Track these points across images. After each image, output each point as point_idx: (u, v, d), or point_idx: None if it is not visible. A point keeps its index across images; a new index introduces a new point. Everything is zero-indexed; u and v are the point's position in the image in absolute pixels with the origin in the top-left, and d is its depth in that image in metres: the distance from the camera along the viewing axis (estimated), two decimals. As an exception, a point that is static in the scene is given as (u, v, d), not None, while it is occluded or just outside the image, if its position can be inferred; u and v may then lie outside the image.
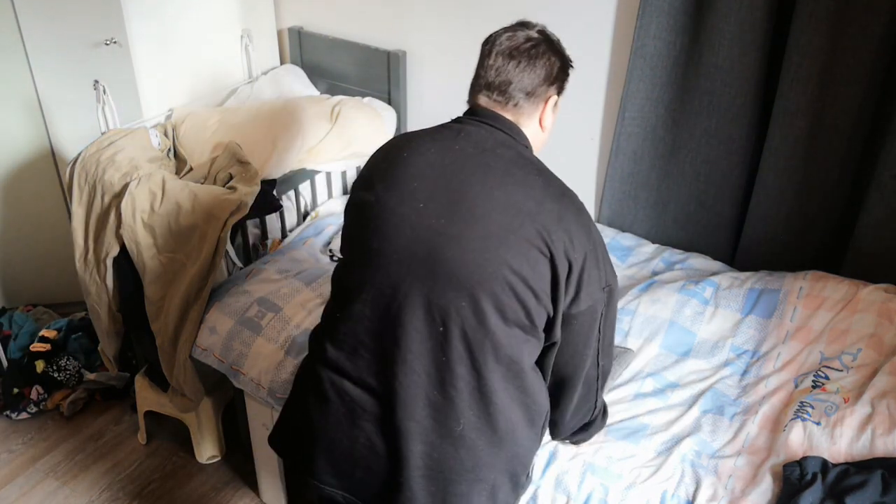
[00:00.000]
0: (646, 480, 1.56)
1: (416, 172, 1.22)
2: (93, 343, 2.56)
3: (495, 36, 1.31)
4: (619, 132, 2.28)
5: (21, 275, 2.83)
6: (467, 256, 1.16)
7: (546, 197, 1.21)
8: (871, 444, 1.55)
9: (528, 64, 1.27)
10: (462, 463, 1.23)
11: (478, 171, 1.20)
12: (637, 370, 1.86)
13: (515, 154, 1.24)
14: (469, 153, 1.22)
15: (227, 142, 2.27)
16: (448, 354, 1.19)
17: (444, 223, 1.18)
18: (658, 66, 2.13)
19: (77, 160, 2.14)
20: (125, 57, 2.30)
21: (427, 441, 1.22)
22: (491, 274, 1.16)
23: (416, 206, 1.20)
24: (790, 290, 1.98)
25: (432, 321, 1.18)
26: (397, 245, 1.20)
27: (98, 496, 2.26)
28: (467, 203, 1.18)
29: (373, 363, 1.23)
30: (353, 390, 1.25)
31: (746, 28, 1.96)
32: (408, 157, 1.25)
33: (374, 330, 1.23)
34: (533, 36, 1.29)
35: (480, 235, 1.16)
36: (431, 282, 1.18)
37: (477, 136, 1.25)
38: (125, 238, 2.00)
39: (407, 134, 1.35)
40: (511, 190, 1.19)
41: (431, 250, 1.17)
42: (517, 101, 1.28)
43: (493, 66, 1.27)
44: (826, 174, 2.02)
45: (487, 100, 1.29)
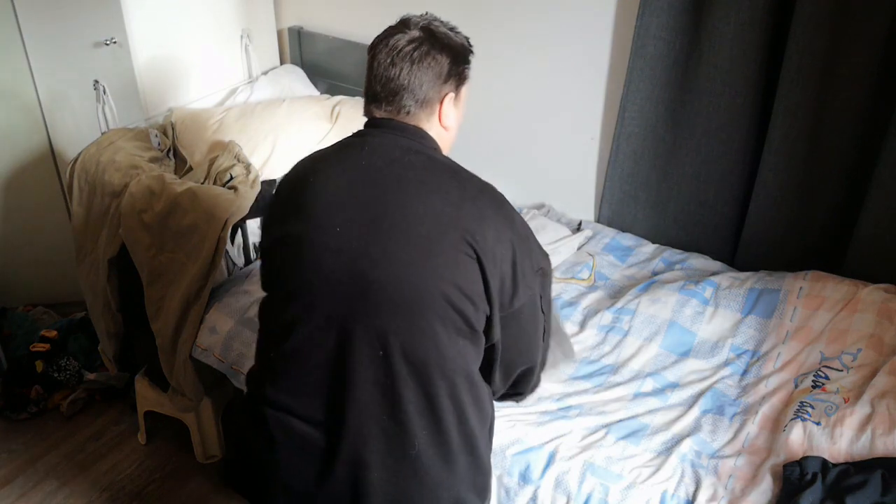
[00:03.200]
0: (646, 480, 1.56)
1: (329, 198, 1.17)
2: (93, 343, 2.56)
3: (377, 41, 1.24)
4: (619, 132, 2.28)
5: (21, 275, 2.83)
6: (396, 275, 1.12)
7: (464, 199, 1.16)
8: (871, 444, 1.55)
9: (413, 68, 1.20)
10: (422, 484, 1.20)
11: (390, 184, 1.16)
12: (637, 370, 1.86)
13: (426, 159, 1.20)
14: (378, 167, 1.18)
15: (227, 142, 2.28)
16: (392, 378, 1.15)
17: (365, 245, 1.13)
18: (658, 66, 2.13)
19: (77, 160, 2.14)
20: (125, 57, 2.30)
21: (384, 467, 1.18)
22: (423, 289, 1.12)
23: (334, 231, 1.15)
24: (790, 291, 1.98)
25: (371, 347, 1.14)
26: (322, 275, 1.15)
27: (98, 496, 2.26)
28: (385, 220, 1.14)
29: (317, 397, 1.19)
30: (301, 427, 1.20)
31: (746, 28, 1.96)
32: (315, 182, 1.20)
33: (313, 364, 1.18)
34: (415, 37, 1.21)
35: (406, 252, 1.12)
36: (364, 308, 1.13)
37: (382, 147, 1.20)
38: (125, 238, 2.00)
39: (310, 157, 1.28)
40: (427, 199, 1.14)
41: (357, 275, 1.13)
42: (409, 110, 1.22)
43: (377, 76, 1.22)
44: (826, 174, 2.02)
45: (380, 111, 1.24)
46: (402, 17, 1.26)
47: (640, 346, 1.92)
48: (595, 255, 2.28)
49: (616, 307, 2.04)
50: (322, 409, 1.19)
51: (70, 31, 2.37)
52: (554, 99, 2.42)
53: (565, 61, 2.35)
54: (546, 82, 2.41)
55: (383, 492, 1.19)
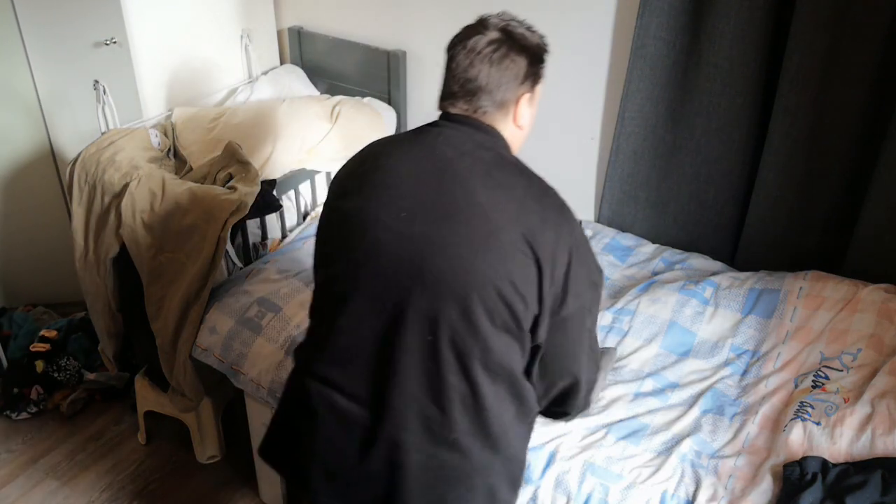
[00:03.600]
0: (646, 480, 1.56)
1: (397, 180, 1.20)
2: (93, 343, 2.56)
3: (455, 41, 1.25)
4: (619, 132, 2.28)
5: (21, 275, 2.83)
6: (453, 264, 1.15)
7: (528, 197, 1.19)
8: (871, 444, 1.55)
9: (491, 70, 1.22)
10: (457, 470, 1.22)
11: (458, 175, 1.18)
12: (637, 370, 1.86)
13: (495, 156, 1.22)
14: (449, 157, 1.20)
15: (227, 142, 2.28)
16: (438, 364, 1.17)
17: (427, 231, 1.16)
18: (658, 66, 2.13)
19: (77, 160, 2.14)
20: (125, 57, 2.30)
21: (422, 451, 1.20)
22: (478, 280, 1.15)
23: (399, 214, 1.17)
24: (790, 291, 1.98)
25: (421, 331, 1.17)
26: (382, 256, 1.18)
27: (98, 496, 2.26)
28: (450, 209, 1.16)
29: (363, 375, 1.21)
30: (344, 403, 1.22)
31: (746, 28, 1.96)
32: (386, 164, 1.23)
33: (362, 342, 1.21)
34: (494, 38, 1.23)
35: (466, 242, 1.15)
36: (418, 291, 1.16)
37: (456, 139, 1.23)
38: (125, 238, 2.00)
39: (383, 140, 1.32)
40: (493, 193, 1.17)
41: (416, 259, 1.16)
42: (485, 110, 1.24)
43: (456, 76, 1.24)
44: (826, 174, 2.02)
45: (455, 108, 1.26)
46: (479, 17, 1.28)
47: (641, 346, 1.92)
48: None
49: (616, 307, 2.04)
50: (366, 387, 1.21)
51: (70, 31, 2.37)
52: (554, 99, 2.41)
53: (565, 61, 2.35)
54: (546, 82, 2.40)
55: (419, 474, 1.21)
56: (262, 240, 2.35)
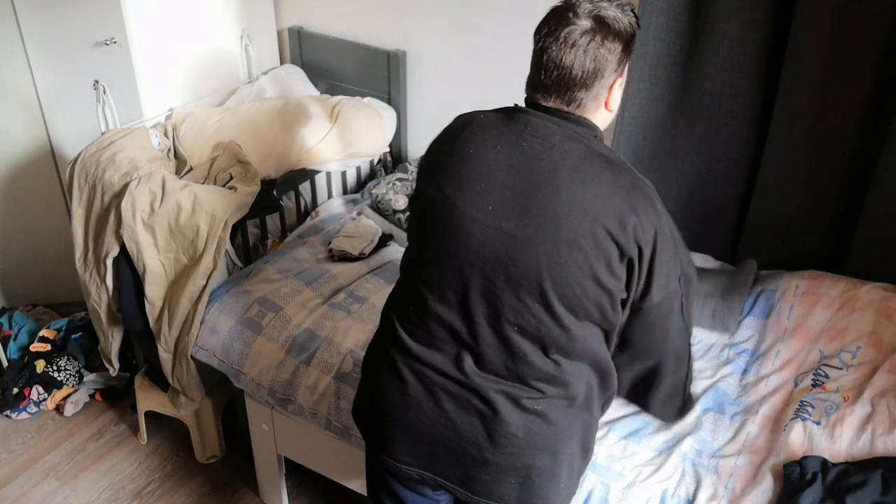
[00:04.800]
0: (646, 479, 1.56)
1: (484, 172, 1.20)
2: (93, 343, 2.56)
3: (547, 30, 1.19)
4: (619, 132, 2.28)
5: (21, 275, 2.83)
6: (539, 261, 1.17)
7: (616, 191, 1.18)
8: (871, 443, 1.55)
9: (586, 62, 1.16)
10: (543, 438, 1.27)
11: (546, 170, 1.18)
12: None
13: (584, 148, 1.20)
14: (537, 151, 1.19)
15: (227, 142, 2.28)
16: (524, 350, 1.22)
17: (514, 226, 1.17)
18: (658, 66, 2.13)
19: (77, 160, 2.14)
20: (125, 57, 2.30)
21: (508, 421, 1.25)
22: (563, 277, 1.17)
23: (486, 208, 1.19)
24: (787, 289, 1.98)
25: (507, 322, 1.21)
26: (468, 248, 1.20)
27: (98, 496, 2.26)
28: (537, 205, 1.17)
29: (449, 357, 1.26)
30: (433, 375, 1.27)
31: (746, 28, 1.96)
32: (475, 153, 1.22)
33: (449, 327, 1.25)
34: (587, 28, 1.16)
35: (552, 239, 1.16)
36: (504, 285, 1.19)
37: (544, 130, 1.20)
38: (125, 238, 2.00)
39: (471, 122, 1.28)
40: (580, 189, 1.17)
41: (502, 254, 1.18)
42: (580, 103, 1.20)
43: (548, 68, 1.18)
44: (826, 174, 2.03)
45: (548, 100, 1.22)
46: (567, 1, 1.21)
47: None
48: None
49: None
50: (452, 367, 1.26)
51: (70, 30, 2.37)
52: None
53: (565, 61, 2.35)
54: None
55: (506, 442, 1.26)
56: (262, 240, 2.35)
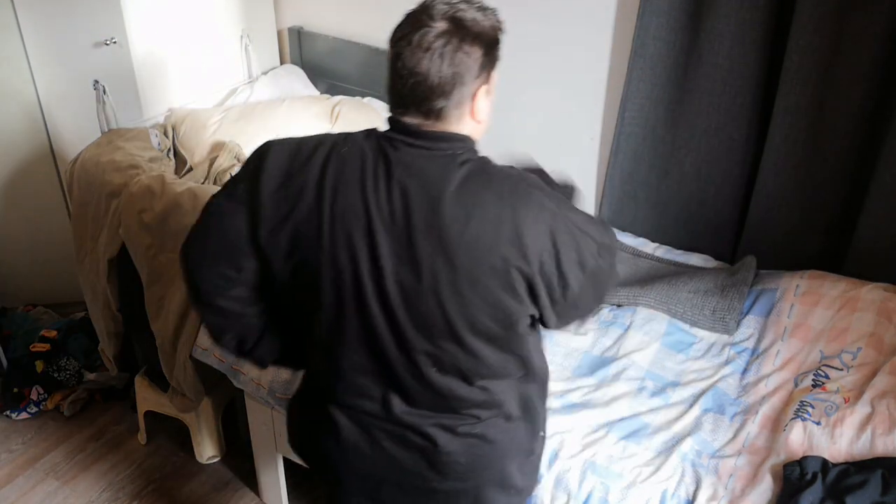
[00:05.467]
0: (646, 479, 1.56)
1: (362, 224, 1.09)
2: (93, 343, 2.56)
3: (399, 36, 1.09)
4: (619, 132, 2.28)
5: (21, 275, 2.83)
6: (444, 306, 1.11)
7: (501, 213, 1.09)
8: (871, 443, 1.55)
9: (443, 67, 1.07)
10: (486, 459, 1.26)
11: (427, 211, 1.08)
12: (638, 368, 1.86)
13: (460, 176, 1.10)
14: (412, 192, 1.09)
15: (227, 142, 2.28)
16: (449, 387, 1.18)
17: (410, 278, 1.10)
18: (658, 66, 2.13)
19: (77, 160, 2.14)
20: (125, 57, 2.30)
21: (449, 451, 1.23)
22: (472, 315, 1.12)
23: (377, 264, 1.10)
24: (787, 289, 1.98)
25: (425, 366, 1.16)
26: (367, 309, 1.13)
27: (98, 496, 2.26)
28: (427, 252, 1.09)
29: (377, 401, 1.22)
30: (365, 417, 1.23)
31: (746, 28, 1.96)
32: (345, 205, 1.10)
33: (369, 377, 1.20)
34: (443, 30, 1.07)
35: (450, 282, 1.09)
36: (413, 333, 1.13)
37: (415, 165, 1.10)
38: (125, 238, 2.00)
39: (328, 157, 1.12)
40: (466, 225, 1.08)
41: (405, 307, 1.12)
42: (441, 113, 1.10)
43: (403, 77, 1.08)
44: (826, 174, 2.03)
45: (409, 117, 1.11)
46: (422, 3, 1.11)
47: (641, 344, 1.92)
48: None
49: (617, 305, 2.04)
50: (381, 410, 1.22)
51: (70, 30, 2.37)
52: (554, 98, 2.42)
53: (565, 61, 2.35)
54: (546, 82, 2.41)
55: (456, 462, 1.24)
56: (262, 240, 2.34)
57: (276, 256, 1.15)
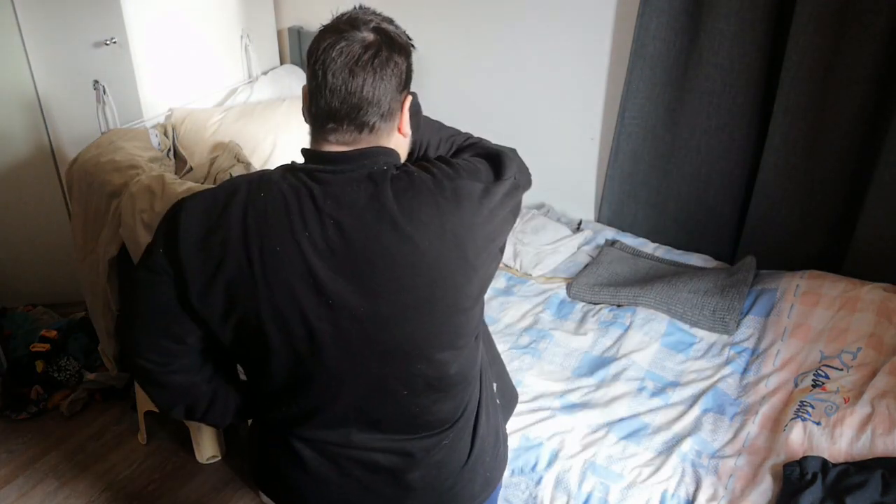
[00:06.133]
0: (646, 480, 1.56)
1: (303, 269, 1.02)
2: (93, 343, 2.56)
3: (324, 46, 1.04)
4: (619, 132, 2.28)
5: (21, 275, 2.83)
6: (405, 331, 1.07)
7: (444, 224, 1.03)
8: (871, 444, 1.55)
9: (375, 79, 1.03)
10: (456, 463, 1.24)
11: (369, 241, 1.02)
12: (638, 368, 1.86)
13: (391, 192, 1.03)
14: (347, 226, 1.02)
15: (227, 142, 2.28)
16: (421, 406, 1.15)
17: (367, 310, 1.04)
18: (658, 66, 2.13)
19: (77, 160, 2.14)
20: (125, 57, 2.30)
21: (421, 466, 1.20)
22: (436, 330, 1.09)
23: (327, 302, 1.04)
24: (787, 289, 1.98)
25: (397, 392, 1.13)
26: (324, 355, 1.07)
27: (98, 496, 2.26)
28: (375, 284, 1.03)
29: (343, 434, 1.17)
30: (333, 447, 1.18)
31: (746, 28, 1.96)
32: (283, 249, 1.02)
33: (335, 413, 1.15)
34: (370, 41, 1.04)
35: (407, 306, 1.05)
36: (378, 364, 1.08)
37: (347, 197, 1.02)
38: (125, 238, 2.00)
39: (249, 204, 1.03)
40: (410, 249, 1.03)
41: (364, 341, 1.06)
42: (373, 126, 1.05)
43: (334, 90, 1.02)
44: (826, 174, 2.03)
45: (338, 133, 1.05)
46: (343, 15, 1.09)
47: (641, 344, 1.92)
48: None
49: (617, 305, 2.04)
50: (349, 440, 1.18)
51: (70, 30, 2.37)
52: (554, 99, 2.42)
53: (565, 61, 2.35)
54: (546, 82, 2.41)
55: (428, 475, 1.22)
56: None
57: (212, 317, 1.07)
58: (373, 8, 1.11)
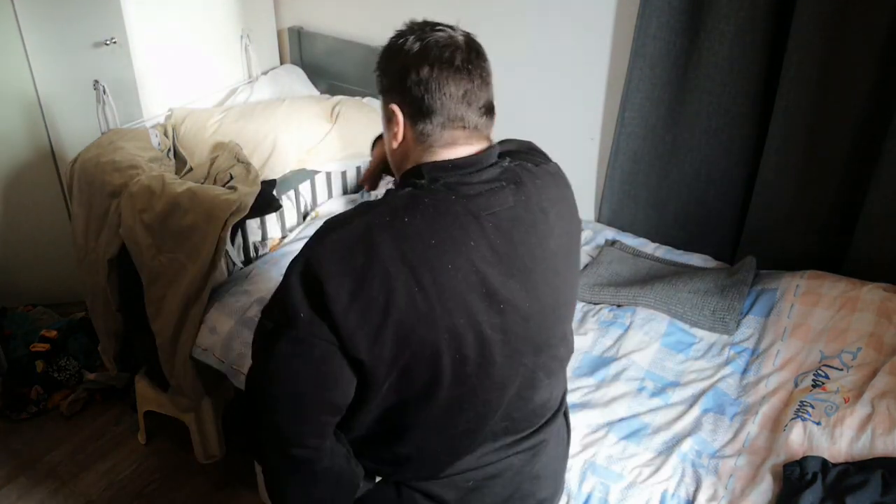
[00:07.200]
0: (646, 480, 1.56)
1: (482, 281, 1.03)
2: (93, 343, 2.56)
3: (433, 56, 1.07)
4: (619, 132, 2.28)
5: (21, 275, 2.83)
6: (560, 316, 1.14)
7: (566, 212, 1.14)
8: (871, 444, 1.55)
9: (483, 75, 1.10)
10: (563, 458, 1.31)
11: (527, 238, 1.05)
12: (638, 368, 1.86)
13: (532, 185, 1.09)
14: (506, 225, 1.03)
15: (227, 142, 2.28)
16: (548, 388, 1.18)
17: (529, 307, 1.06)
18: (658, 66, 2.13)
19: (77, 160, 2.14)
20: (125, 57, 2.30)
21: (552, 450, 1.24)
22: (570, 311, 1.19)
23: (499, 308, 1.03)
24: (787, 289, 1.98)
25: (540, 379, 1.15)
26: (490, 355, 1.05)
27: (98, 496, 2.26)
28: (536, 277, 1.06)
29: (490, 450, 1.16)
30: (469, 464, 1.15)
31: (746, 28, 1.96)
32: (444, 270, 0.99)
33: (478, 426, 1.12)
34: (465, 42, 1.13)
35: (559, 287, 1.13)
36: (532, 357, 1.10)
37: (491, 201, 1.02)
38: (125, 238, 2.00)
39: (395, 247, 0.95)
40: (554, 229, 1.09)
41: (527, 336, 1.09)
42: (486, 125, 1.08)
43: (470, 95, 1.05)
44: (826, 174, 2.03)
45: (471, 143, 1.04)
46: (426, 21, 1.14)
47: (641, 344, 1.92)
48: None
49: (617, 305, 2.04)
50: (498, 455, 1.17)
51: (70, 31, 2.37)
52: (554, 99, 2.42)
53: (565, 61, 2.35)
54: (546, 82, 2.41)
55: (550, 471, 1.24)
56: (262, 240, 2.35)
57: (380, 365, 0.97)
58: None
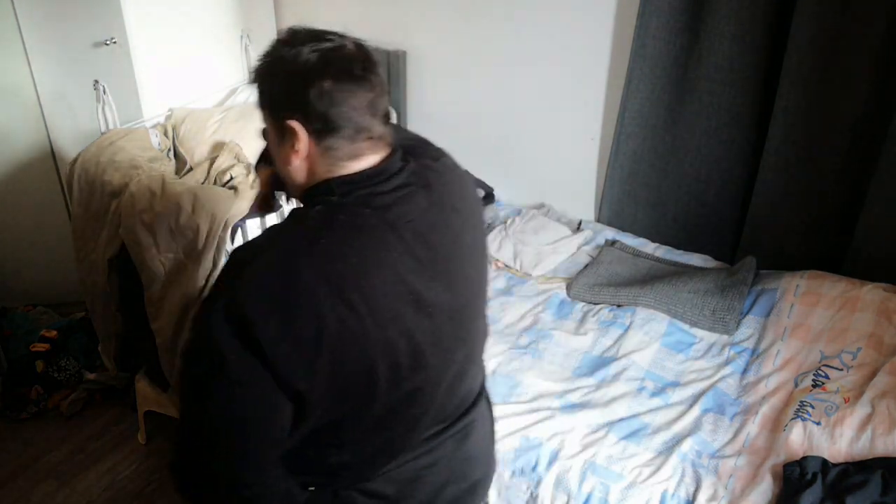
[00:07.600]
0: (646, 480, 1.56)
1: (410, 289, 1.02)
2: (93, 343, 2.56)
3: (331, 69, 0.98)
4: (619, 132, 2.28)
5: (21, 275, 2.83)
6: (479, 308, 1.16)
7: (472, 201, 1.16)
8: (871, 444, 1.55)
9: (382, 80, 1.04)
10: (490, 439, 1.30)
11: (444, 238, 1.07)
12: (638, 368, 1.86)
13: (439, 184, 1.10)
14: (427, 230, 1.03)
15: (227, 142, 2.28)
16: (474, 375, 1.20)
17: (453, 304, 1.07)
18: (658, 66, 2.13)
19: (77, 160, 2.14)
20: (125, 57, 2.30)
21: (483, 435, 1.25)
22: (484, 299, 1.20)
23: (426, 311, 1.03)
24: (787, 289, 1.98)
25: (467, 369, 1.16)
26: (422, 356, 1.04)
27: (98, 496, 2.26)
28: (455, 275, 1.07)
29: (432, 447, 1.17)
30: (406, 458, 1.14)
31: (746, 28, 1.96)
32: (375, 284, 0.98)
33: (419, 422, 1.12)
34: (356, 49, 1.05)
35: (475, 279, 1.16)
36: (462, 351, 1.11)
37: (409, 208, 1.02)
38: (125, 238, 2.00)
39: (317, 270, 0.92)
40: (467, 226, 1.11)
41: (454, 332, 1.10)
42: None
43: (373, 105, 0.99)
44: (826, 174, 2.03)
45: (376, 150, 1.01)
46: (310, 31, 1.06)
47: (641, 344, 1.92)
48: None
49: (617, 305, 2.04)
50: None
51: (70, 31, 2.37)
52: (554, 99, 2.42)
53: (565, 61, 2.35)
54: (546, 82, 2.41)
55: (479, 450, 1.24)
56: (262, 240, 2.34)
57: (318, 388, 0.93)
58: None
